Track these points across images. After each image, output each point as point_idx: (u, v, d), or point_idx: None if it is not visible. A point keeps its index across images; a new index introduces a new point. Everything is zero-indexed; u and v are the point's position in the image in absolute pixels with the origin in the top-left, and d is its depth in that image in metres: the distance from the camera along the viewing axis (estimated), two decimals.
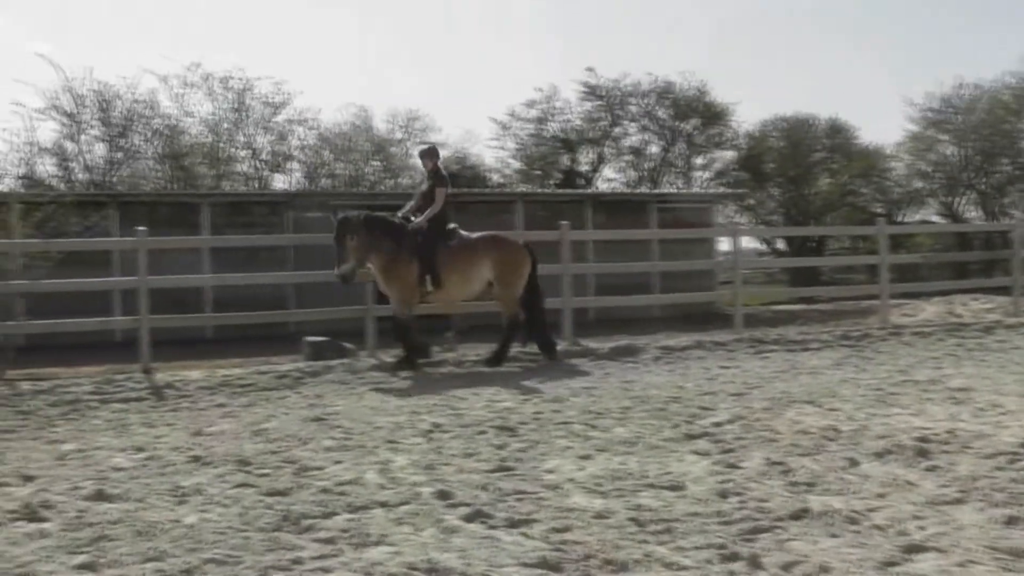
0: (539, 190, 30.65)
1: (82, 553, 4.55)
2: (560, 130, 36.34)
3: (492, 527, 4.90)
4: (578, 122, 36.41)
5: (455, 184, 32.39)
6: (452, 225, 12.36)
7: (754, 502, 5.25)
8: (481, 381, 10.70)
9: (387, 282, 12.01)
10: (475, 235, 12.52)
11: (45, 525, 5.05)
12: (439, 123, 57.89)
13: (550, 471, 6.11)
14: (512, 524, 4.93)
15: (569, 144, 36.26)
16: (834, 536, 4.73)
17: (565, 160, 36.71)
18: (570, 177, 35.57)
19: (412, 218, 12.17)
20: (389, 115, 36.65)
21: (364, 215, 11.85)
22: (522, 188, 32.60)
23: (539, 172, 36.30)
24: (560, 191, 30.64)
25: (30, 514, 5.21)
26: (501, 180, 36.22)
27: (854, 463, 6.18)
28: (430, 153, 12.82)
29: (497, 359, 12.11)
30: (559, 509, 5.17)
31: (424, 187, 12.52)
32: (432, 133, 36.72)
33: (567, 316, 14.05)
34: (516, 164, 37.30)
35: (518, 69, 72.26)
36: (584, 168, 36.82)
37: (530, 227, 20.80)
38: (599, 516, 5.03)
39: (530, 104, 36.19)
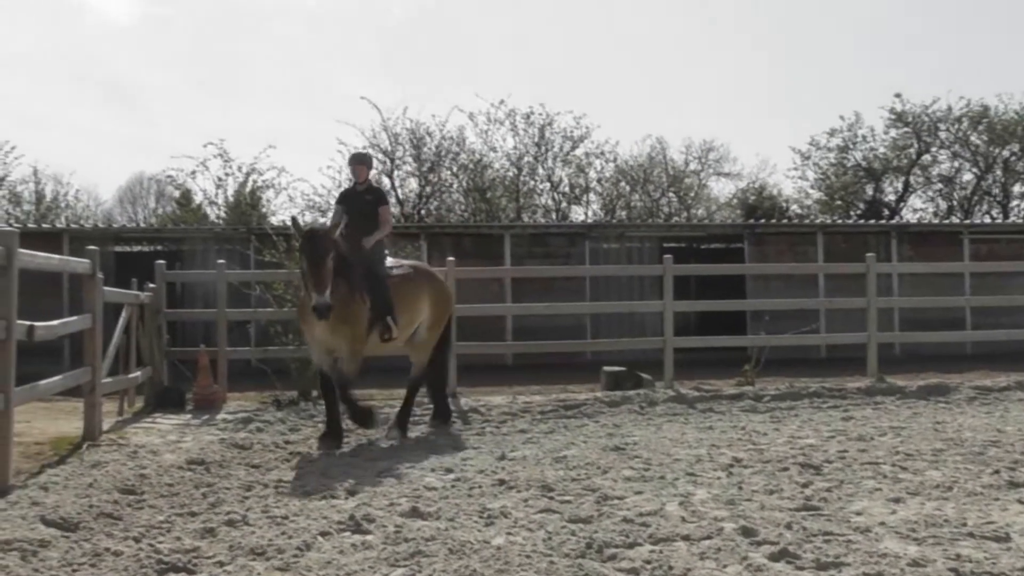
0: (841, 221, 29.67)
1: (401, 567, 4.80)
2: (863, 159, 35.09)
3: (799, 568, 4.76)
4: (883, 150, 35.05)
5: (753, 215, 31.91)
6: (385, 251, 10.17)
7: None
8: (782, 417, 10.47)
9: (336, 328, 8.86)
10: (405, 263, 10.41)
11: (368, 537, 5.38)
12: (734, 152, 57.49)
13: (858, 513, 5.88)
14: (820, 566, 4.76)
15: (873, 173, 34.94)
16: None
17: (868, 190, 35.41)
18: (874, 207, 34.27)
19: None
20: (684, 145, 36.79)
21: (335, 234, 8.98)
22: (822, 219, 31.74)
23: (840, 202, 35.20)
24: (863, 222, 29.55)
25: (355, 526, 5.58)
26: (800, 211, 35.41)
27: None
28: (363, 159, 10.34)
29: (402, 422, 9.73)
30: (870, 554, 4.95)
31: (352, 203, 9.88)
32: (727, 163, 36.57)
33: (872, 351, 13.51)
34: (816, 194, 36.41)
35: (819, 96, 70.48)
36: (889, 198, 35.39)
37: (831, 259, 20.35)
38: (914, 564, 4.77)
39: (832, 132, 35.23)
